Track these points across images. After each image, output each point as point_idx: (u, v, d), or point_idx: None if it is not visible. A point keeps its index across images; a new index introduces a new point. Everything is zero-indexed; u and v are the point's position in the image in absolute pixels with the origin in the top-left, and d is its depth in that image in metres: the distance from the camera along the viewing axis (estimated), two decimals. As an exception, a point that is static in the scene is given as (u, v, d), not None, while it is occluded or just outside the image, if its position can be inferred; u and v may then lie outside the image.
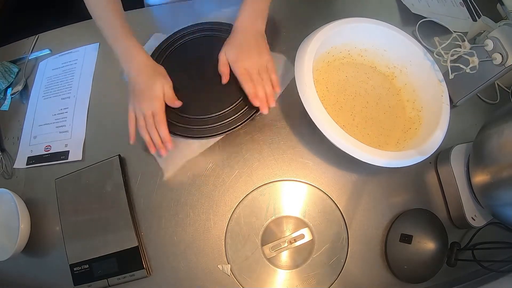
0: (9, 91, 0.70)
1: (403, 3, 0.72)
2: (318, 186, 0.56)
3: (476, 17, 0.73)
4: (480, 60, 0.52)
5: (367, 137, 0.57)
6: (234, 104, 0.56)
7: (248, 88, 0.54)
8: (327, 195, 0.55)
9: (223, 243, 0.53)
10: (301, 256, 0.52)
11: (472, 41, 0.66)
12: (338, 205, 0.55)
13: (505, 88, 0.66)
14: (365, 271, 0.52)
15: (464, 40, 0.53)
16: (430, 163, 0.59)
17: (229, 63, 0.56)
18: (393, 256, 0.52)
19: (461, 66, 0.53)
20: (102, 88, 0.66)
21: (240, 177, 0.57)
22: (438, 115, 0.52)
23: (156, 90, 0.53)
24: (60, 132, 0.64)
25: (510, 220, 0.48)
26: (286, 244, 0.52)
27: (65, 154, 0.61)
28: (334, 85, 0.60)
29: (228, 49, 0.56)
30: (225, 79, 0.56)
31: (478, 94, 0.63)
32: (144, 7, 0.76)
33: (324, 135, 0.49)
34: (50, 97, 0.68)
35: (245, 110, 0.56)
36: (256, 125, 0.60)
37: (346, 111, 0.58)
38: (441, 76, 0.56)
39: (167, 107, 0.54)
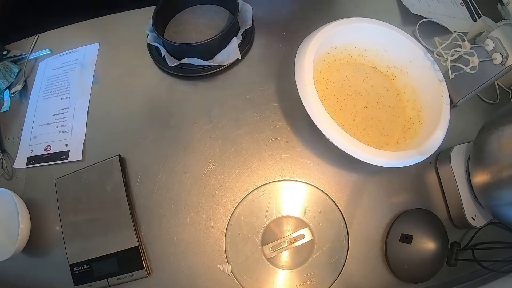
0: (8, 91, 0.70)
1: (403, 3, 0.72)
2: (318, 186, 0.56)
3: (476, 17, 0.73)
4: (480, 60, 0.52)
5: (367, 137, 0.57)
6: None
7: None
8: (327, 195, 0.55)
9: (223, 243, 0.53)
10: (301, 256, 0.52)
11: (472, 41, 0.66)
12: (338, 205, 0.55)
13: (505, 88, 0.66)
14: (365, 271, 0.52)
15: (464, 40, 0.53)
16: (430, 163, 0.59)
17: None
18: (393, 256, 0.52)
19: (461, 66, 0.53)
20: (102, 88, 0.66)
21: (240, 177, 0.57)
22: (438, 115, 0.52)
23: None
24: (60, 132, 0.64)
25: (510, 220, 0.48)
26: (286, 244, 0.52)
27: (65, 154, 0.61)
28: (334, 85, 0.60)
29: None
30: None
31: (478, 94, 0.63)
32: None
33: (324, 135, 0.49)
34: (50, 97, 0.68)
35: None
36: (256, 125, 0.60)
37: (346, 111, 0.58)
38: (441, 76, 0.56)
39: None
